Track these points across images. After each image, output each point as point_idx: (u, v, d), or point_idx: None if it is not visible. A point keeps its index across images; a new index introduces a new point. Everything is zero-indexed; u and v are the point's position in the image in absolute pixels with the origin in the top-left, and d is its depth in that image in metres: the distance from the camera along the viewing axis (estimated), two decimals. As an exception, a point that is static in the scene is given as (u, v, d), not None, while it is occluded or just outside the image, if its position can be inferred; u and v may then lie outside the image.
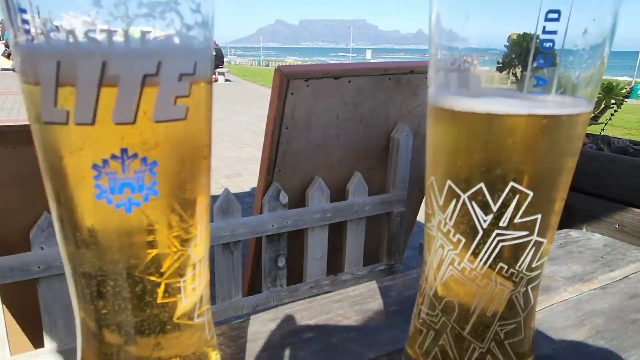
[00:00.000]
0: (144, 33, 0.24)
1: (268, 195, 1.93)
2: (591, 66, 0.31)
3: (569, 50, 0.32)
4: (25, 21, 0.24)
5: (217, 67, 16.94)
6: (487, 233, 0.30)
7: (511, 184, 0.29)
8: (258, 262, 2.09)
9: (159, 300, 0.29)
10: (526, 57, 0.33)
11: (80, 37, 0.23)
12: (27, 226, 1.67)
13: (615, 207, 1.49)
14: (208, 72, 0.28)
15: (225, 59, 18.98)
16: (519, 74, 0.34)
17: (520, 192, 0.29)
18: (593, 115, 1.82)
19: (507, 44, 0.34)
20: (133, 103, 0.24)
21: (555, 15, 0.33)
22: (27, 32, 0.24)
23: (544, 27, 0.33)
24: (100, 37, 0.23)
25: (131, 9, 0.23)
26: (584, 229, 1.62)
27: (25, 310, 1.73)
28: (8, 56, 20.32)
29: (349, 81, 1.97)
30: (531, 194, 0.29)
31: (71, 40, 0.23)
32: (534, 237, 0.30)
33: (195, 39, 0.26)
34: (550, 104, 0.31)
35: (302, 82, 1.85)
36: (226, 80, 19.14)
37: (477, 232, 0.30)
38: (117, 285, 0.28)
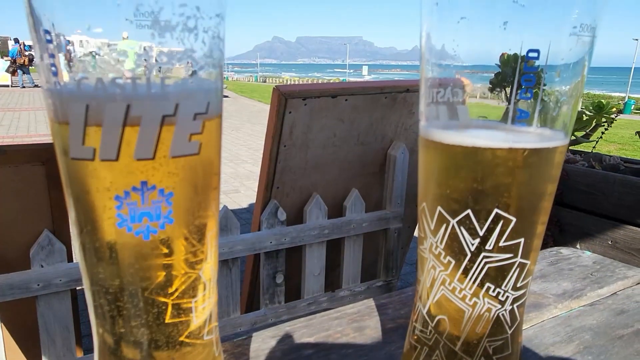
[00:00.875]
0: (163, 78, 0.27)
1: (266, 212, 1.95)
2: (567, 102, 0.33)
3: (548, 87, 0.35)
4: (54, 65, 0.27)
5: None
6: (474, 255, 0.33)
7: (495, 210, 0.31)
8: (256, 279, 2.10)
9: (171, 320, 0.31)
10: (509, 91, 0.36)
11: (108, 83, 0.25)
12: (27, 244, 1.68)
13: (607, 223, 1.52)
14: (219, 109, 0.30)
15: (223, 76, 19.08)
16: (504, 106, 0.37)
17: (504, 218, 0.32)
18: (585, 133, 1.86)
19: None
20: (153, 141, 0.27)
21: (535, 54, 0.36)
22: (55, 74, 0.27)
23: (525, 64, 0.36)
24: (125, 82, 0.26)
25: (154, 60, 0.26)
26: (578, 246, 1.65)
27: (23, 328, 1.73)
28: (13, 72, 20.52)
29: (346, 100, 2.01)
30: (514, 219, 0.32)
31: (99, 85, 0.25)
32: (518, 259, 0.33)
33: (208, 81, 0.29)
34: (531, 136, 0.34)
35: (299, 101, 1.89)
36: (224, 96, 19.24)
37: (465, 254, 0.33)
38: (133, 304, 0.30)
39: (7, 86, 21.69)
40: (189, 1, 0.26)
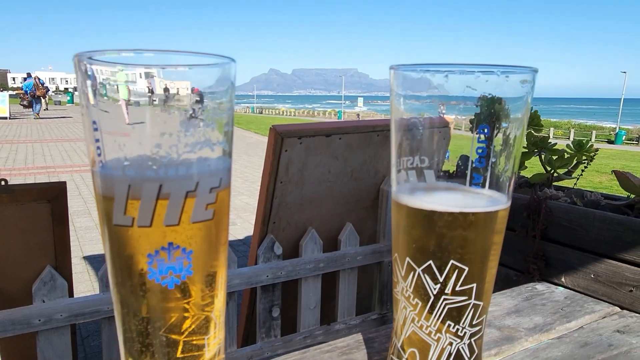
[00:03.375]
0: (187, 162, 0.34)
1: (263, 247, 2.01)
2: (506, 171, 0.42)
3: (494, 159, 0.43)
4: (100, 155, 0.35)
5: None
6: (436, 298, 0.40)
7: (451, 261, 0.39)
8: (252, 313, 2.14)
9: (186, 354, 0.38)
10: (466, 160, 0.44)
11: (145, 167, 0.33)
12: (29, 279, 1.73)
13: (589, 258, 1.58)
14: (229, 181, 0.38)
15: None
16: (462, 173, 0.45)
17: (459, 267, 0.39)
18: (567, 170, 1.95)
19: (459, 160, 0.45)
20: (178, 211, 0.34)
21: (485, 130, 0.45)
22: (102, 163, 0.35)
23: (479, 138, 0.45)
24: (158, 168, 0.34)
25: (180, 148, 0.34)
26: (563, 279, 1.71)
27: (23, 363, 1.75)
28: (29, 105, 22.02)
29: (340, 138, 2.11)
30: (467, 268, 0.39)
31: (139, 170, 0.33)
32: (472, 301, 0.40)
33: (221, 160, 0.37)
34: (481, 199, 0.42)
35: (295, 140, 1.98)
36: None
37: (429, 297, 0.40)
38: (156, 339, 0.37)
39: (5, 118, 21.92)
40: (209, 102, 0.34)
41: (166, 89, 0.33)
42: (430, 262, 0.39)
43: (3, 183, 1.55)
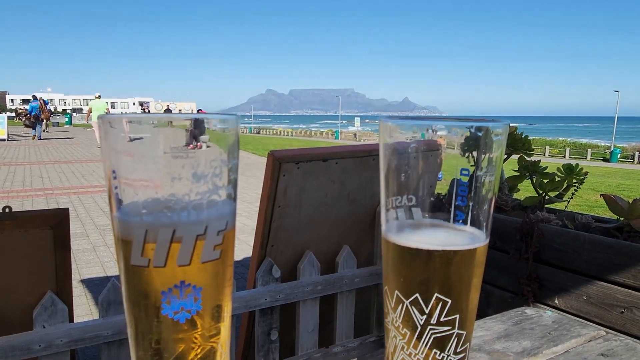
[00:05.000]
0: (198, 209, 0.39)
1: (261, 270, 2.04)
2: (484, 211, 0.46)
3: (474, 199, 0.48)
4: (119, 201, 0.39)
5: (203, 134, 17.41)
6: (423, 328, 0.44)
7: (436, 294, 0.43)
8: (251, 336, 2.15)
9: (195, 381, 0.42)
10: (450, 199, 0.49)
11: (160, 215, 0.38)
12: (30, 304, 1.74)
13: (581, 280, 1.62)
14: (234, 223, 0.42)
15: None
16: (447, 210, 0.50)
17: (442, 300, 0.43)
18: (558, 193, 2.01)
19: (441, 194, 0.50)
20: (190, 252, 0.38)
21: (466, 172, 0.49)
22: (121, 209, 0.39)
23: (460, 179, 0.49)
24: (172, 214, 0.38)
25: (192, 196, 0.38)
26: (556, 301, 1.74)
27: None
28: (31, 125, 23.11)
29: (336, 163, 2.16)
30: (450, 300, 0.43)
31: (155, 216, 0.37)
32: (456, 330, 0.44)
33: (227, 205, 0.41)
34: (463, 236, 0.46)
35: (293, 164, 2.03)
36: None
37: (416, 327, 0.44)
38: (167, 370, 0.41)
39: (4, 140, 21.99)
40: (216, 161, 0.39)
41: (186, 142, 0.38)
42: (417, 295, 0.43)
43: (7, 210, 1.58)
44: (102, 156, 0.40)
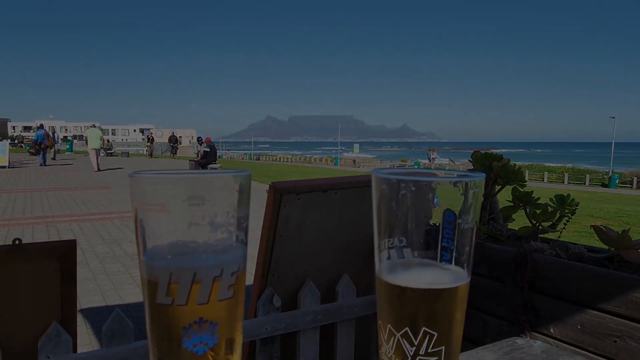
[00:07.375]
0: (216, 254, 0.45)
1: (262, 300, 2.07)
2: (466, 252, 0.52)
3: (458, 241, 0.54)
4: (145, 246, 0.45)
5: (210, 163, 17.64)
6: (412, 359, 0.49)
7: (423, 328, 0.48)
8: (252, 366, 2.17)
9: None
10: (436, 241, 0.55)
11: (182, 260, 0.44)
12: (35, 335, 1.78)
13: (575, 309, 1.66)
14: (245, 264, 0.48)
15: (217, 153, 19.81)
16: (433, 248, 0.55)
17: (429, 333, 0.48)
18: (551, 223, 2.06)
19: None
20: (208, 292, 0.44)
21: (451, 216, 0.55)
22: (147, 254, 0.45)
23: (446, 221, 0.55)
24: (193, 259, 0.44)
25: (211, 245, 0.44)
26: (552, 330, 1.78)
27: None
28: (36, 153, 23.99)
29: (335, 193, 2.22)
30: (436, 334, 0.49)
31: (179, 261, 0.44)
32: (442, 361, 0.49)
33: (239, 249, 0.47)
34: (449, 274, 0.52)
35: (293, 195, 2.09)
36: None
37: (407, 358, 0.49)
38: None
39: (5, 167, 22.12)
40: (231, 211, 0.45)
41: (202, 197, 0.44)
42: (407, 328, 0.49)
43: (17, 242, 1.64)
44: (132, 208, 0.46)
